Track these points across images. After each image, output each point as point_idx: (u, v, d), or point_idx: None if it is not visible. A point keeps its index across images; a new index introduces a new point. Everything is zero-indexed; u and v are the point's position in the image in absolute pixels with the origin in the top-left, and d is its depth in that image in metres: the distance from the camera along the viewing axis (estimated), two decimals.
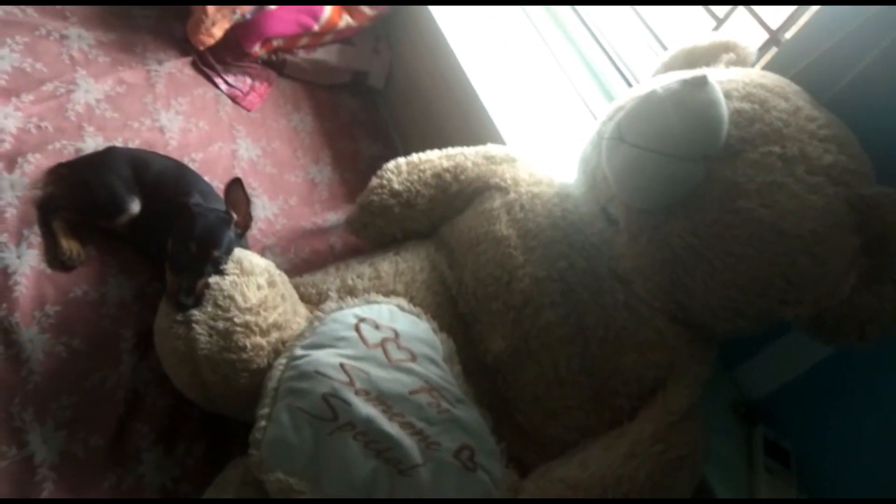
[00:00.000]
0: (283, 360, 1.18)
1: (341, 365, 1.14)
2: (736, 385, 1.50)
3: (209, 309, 1.20)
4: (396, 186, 1.49)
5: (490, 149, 1.54)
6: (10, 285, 1.32)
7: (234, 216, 1.32)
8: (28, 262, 1.36)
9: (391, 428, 1.09)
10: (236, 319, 1.19)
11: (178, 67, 1.88)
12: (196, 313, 1.19)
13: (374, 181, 1.53)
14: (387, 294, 1.36)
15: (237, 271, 1.25)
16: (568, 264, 1.25)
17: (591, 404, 1.21)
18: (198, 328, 1.18)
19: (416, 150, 1.57)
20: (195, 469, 1.29)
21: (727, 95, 1.11)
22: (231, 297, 1.20)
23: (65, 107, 1.63)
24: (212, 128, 1.82)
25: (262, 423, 1.11)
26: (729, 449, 1.37)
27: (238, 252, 1.29)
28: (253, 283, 1.24)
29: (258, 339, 1.20)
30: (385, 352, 1.19)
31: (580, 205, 1.32)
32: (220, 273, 1.24)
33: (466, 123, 1.81)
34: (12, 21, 1.70)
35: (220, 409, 1.25)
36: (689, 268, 1.11)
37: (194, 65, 1.92)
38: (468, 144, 1.57)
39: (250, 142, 1.86)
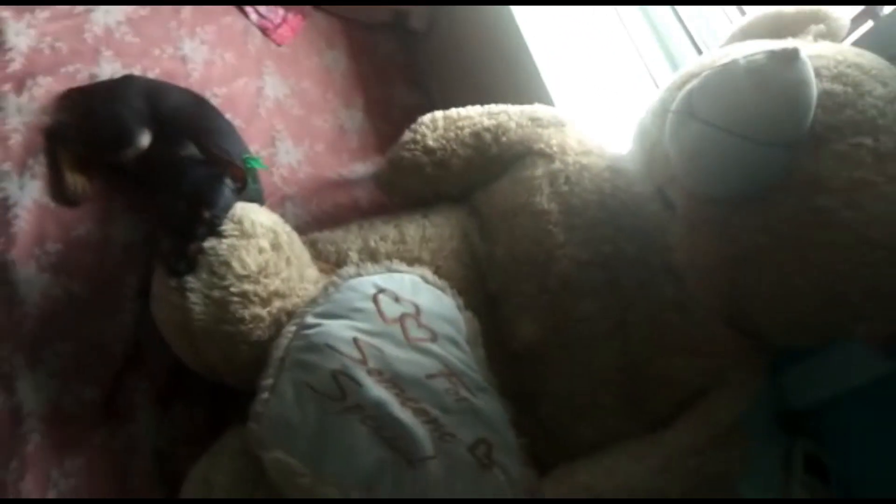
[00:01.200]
0: (292, 328, 1.09)
1: (355, 340, 1.05)
2: (780, 391, 1.38)
3: (204, 276, 1.10)
4: (431, 143, 1.37)
5: (537, 110, 1.40)
6: (10, 218, 1.25)
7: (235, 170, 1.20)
8: (30, 195, 1.28)
9: (403, 414, 1.00)
10: (233, 289, 1.09)
11: None
12: (191, 281, 1.09)
13: (407, 135, 1.41)
14: (411, 261, 1.26)
15: (237, 233, 1.14)
16: (614, 249, 1.13)
17: (625, 407, 1.11)
18: (192, 297, 1.08)
19: (456, 103, 1.44)
20: (192, 433, 1.23)
21: (816, 74, 0.96)
22: (227, 264, 1.10)
23: (82, 27, 1.53)
24: (238, 61, 1.71)
25: (265, 395, 1.02)
26: (766, 460, 1.27)
27: (239, 210, 1.17)
28: (254, 246, 1.13)
29: (257, 310, 1.11)
30: (403, 329, 1.09)
31: (634, 183, 1.19)
32: (218, 235, 1.13)
33: (513, 79, 1.68)
34: None
35: (221, 378, 1.17)
36: (754, 269, 0.98)
37: None
38: (513, 103, 1.43)
39: (278, 79, 1.75)
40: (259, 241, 1.15)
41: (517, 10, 1.64)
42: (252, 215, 1.18)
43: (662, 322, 1.10)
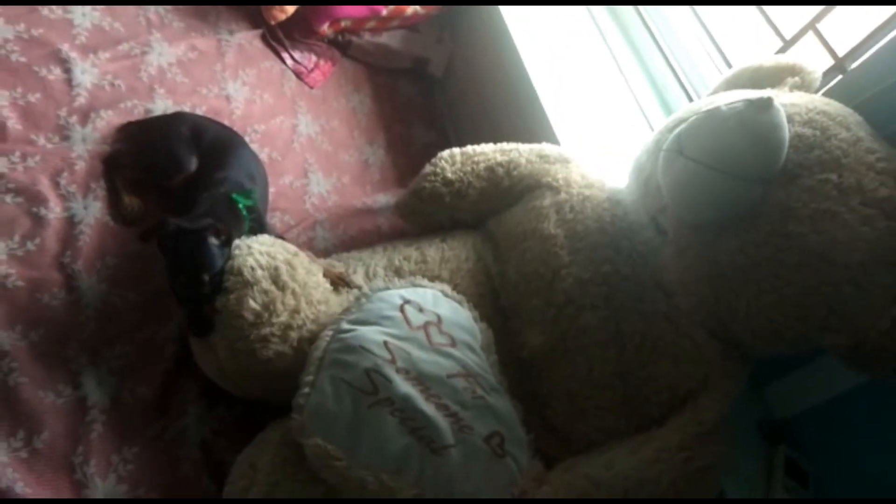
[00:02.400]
0: (329, 333, 1.22)
1: (385, 343, 1.18)
2: (764, 402, 1.51)
3: (226, 332, 1.21)
4: (449, 175, 1.52)
5: (544, 148, 1.56)
6: (76, 234, 1.38)
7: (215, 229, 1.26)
8: (93, 214, 1.43)
9: (427, 408, 1.13)
10: (252, 337, 1.20)
11: (247, 39, 1.93)
12: (216, 341, 1.22)
13: (428, 168, 1.55)
14: (431, 279, 1.39)
15: (239, 284, 1.23)
16: (612, 269, 1.27)
17: (621, 408, 1.24)
18: (222, 355, 1.21)
19: (469, 142, 1.59)
20: (234, 425, 1.35)
21: (789, 119, 1.11)
22: (241, 317, 1.20)
23: (138, 67, 1.69)
24: (275, 101, 1.88)
25: (306, 389, 1.14)
26: (750, 464, 1.39)
27: (237, 261, 1.24)
28: (259, 290, 1.22)
29: (280, 348, 1.22)
30: (427, 335, 1.22)
31: (630, 212, 1.34)
32: (224, 291, 1.23)
33: (522, 120, 1.83)
34: None
35: (269, 400, 1.30)
36: (733, 286, 1.12)
37: (263, 38, 1.97)
38: (522, 142, 1.58)
39: (310, 118, 1.91)
40: (262, 284, 1.23)
41: (528, 59, 1.79)
42: (249, 261, 1.25)
43: (654, 332, 1.23)
